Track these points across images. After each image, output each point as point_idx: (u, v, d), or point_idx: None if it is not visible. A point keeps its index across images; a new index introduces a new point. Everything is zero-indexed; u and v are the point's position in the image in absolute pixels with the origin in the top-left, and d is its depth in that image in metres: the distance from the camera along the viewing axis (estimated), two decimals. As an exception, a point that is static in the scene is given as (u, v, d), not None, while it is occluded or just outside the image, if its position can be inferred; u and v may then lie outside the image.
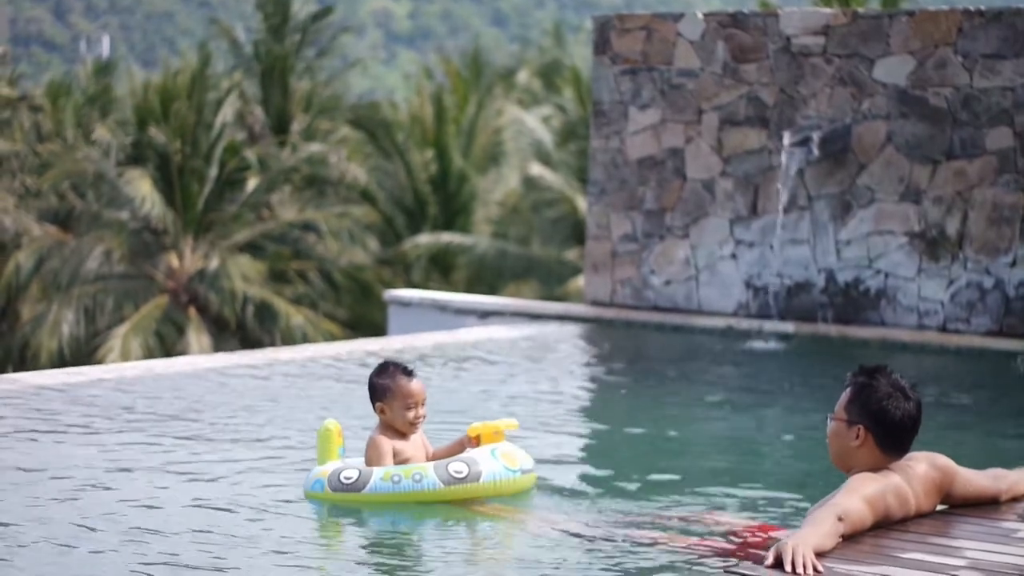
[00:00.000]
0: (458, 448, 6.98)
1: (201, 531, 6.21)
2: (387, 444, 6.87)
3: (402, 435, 6.93)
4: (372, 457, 6.87)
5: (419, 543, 6.49)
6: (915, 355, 13.19)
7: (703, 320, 14.54)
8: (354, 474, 6.72)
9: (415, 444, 6.98)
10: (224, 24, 38.35)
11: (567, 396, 10.86)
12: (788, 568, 5.25)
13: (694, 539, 6.17)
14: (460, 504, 6.72)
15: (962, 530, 5.87)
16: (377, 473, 6.71)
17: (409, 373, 6.95)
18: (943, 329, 13.83)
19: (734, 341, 13.89)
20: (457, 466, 6.72)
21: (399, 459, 6.88)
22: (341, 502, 6.70)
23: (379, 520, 6.65)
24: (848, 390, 5.97)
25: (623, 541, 6.17)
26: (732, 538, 6.19)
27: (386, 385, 6.91)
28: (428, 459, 6.98)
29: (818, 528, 5.48)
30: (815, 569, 5.25)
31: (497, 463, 6.81)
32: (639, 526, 6.43)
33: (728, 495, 7.23)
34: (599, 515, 6.71)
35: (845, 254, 14.26)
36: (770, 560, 5.33)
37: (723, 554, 5.93)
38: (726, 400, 11.02)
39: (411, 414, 6.88)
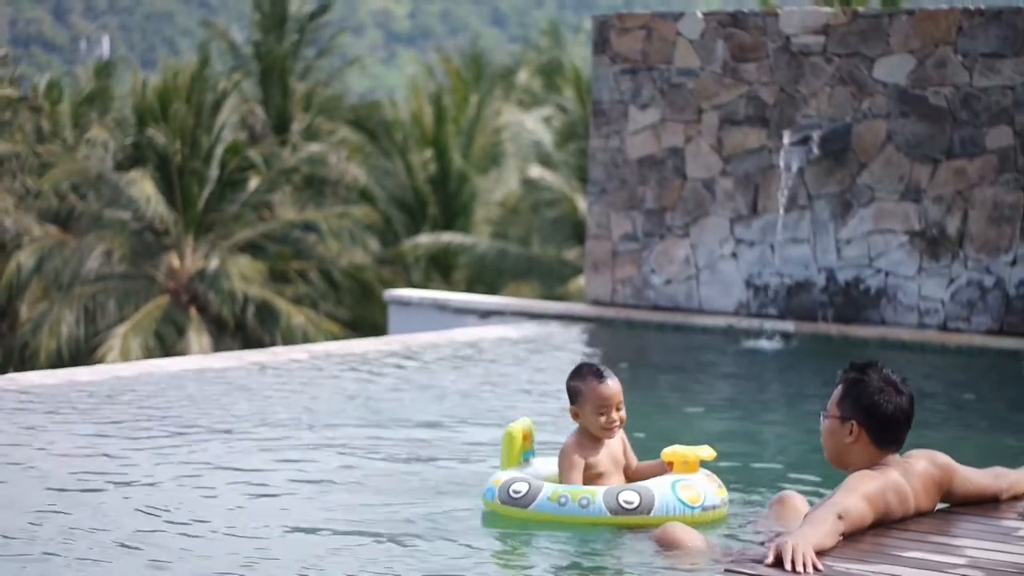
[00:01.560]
0: (658, 469, 6.66)
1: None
2: (578, 458, 6.56)
3: (597, 441, 6.63)
4: (563, 469, 6.58)
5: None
6: (915, 354, 13.19)
7: (703, 319, 14.54)
8: (524, 488, 6.46)
9: (613, 455, 6.67)
10: (220, 26, 38.35)
11: (566, 396, 10.83)
12: (788, 567, 5.25)
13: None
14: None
15: (962, 528, 5.88)
16: (546, 491, 6.42)
17: (601, 376, 6.62)
18: (943, 328, 13.84)
19: (734, 340, 13.90)
20: (628, 496, 6.38)
21: (592, 472, 6.57)
22: (507, 515, 6.48)
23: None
24: (839, 387, 5.98)
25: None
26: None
27: (579, 388, 6.63)
28: (627, 474, 6.69)
29: (818, 527, 5.48)
30: (815, 567, 5.25)
31: (674, 497, 6.43)
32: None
33: (729, 491, 7.22)
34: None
35: (845, 253, 14.27)
36: (770, 559, 5.33)
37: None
38: (726, 399, 11.02)
39: (603, 419, 6.55)
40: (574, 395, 6.63)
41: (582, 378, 6.63)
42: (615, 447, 6.69)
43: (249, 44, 35.19)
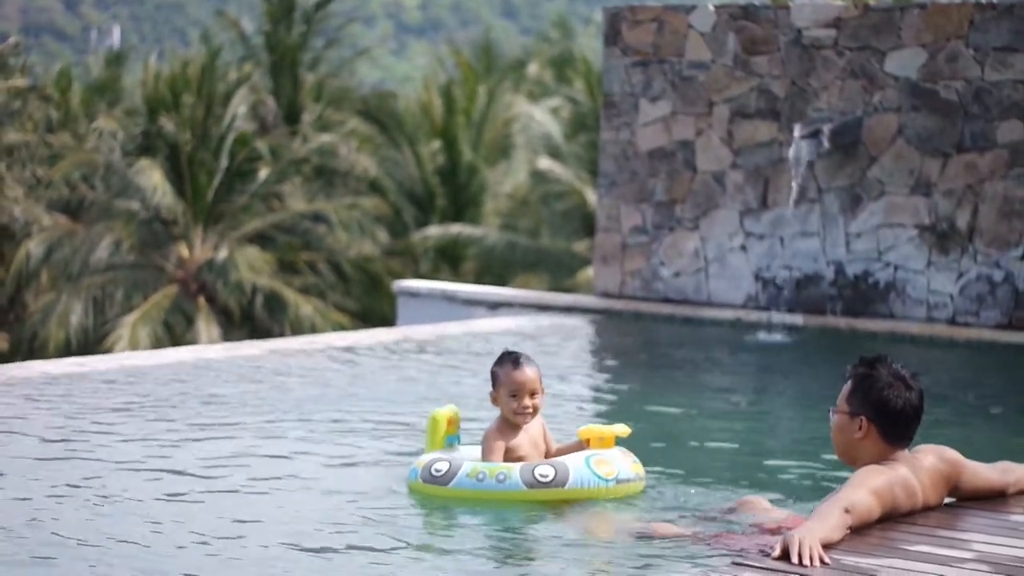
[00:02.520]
0: (576, 448, 6.82)
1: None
2: (499, 441, 6.73)
3: (517, 426, 6.78)
4: (484, 451, 6.75)
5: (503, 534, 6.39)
6: (924, 348, 13.18)
7: (712, 312, 14.53)
8: (444, 467, 6.64)
9: (533, 439, 6.82)
10: (230, 16, 38.35)
11: (575, 387, 10.85)
12: (795, 560, 5.24)
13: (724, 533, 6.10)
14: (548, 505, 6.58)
15: (970, 523, 5.87)
16: (465, 468, 6.60)
17: (518, 362, 6.79)
18: (952, 322, 13.82)
19: (743, 333, 13.89)
20: (544, 469, 6.58)
21: (512, 455, 6.72)
22: (430, 494, 6.65)
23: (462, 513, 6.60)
24: (849, 382, 5.97)
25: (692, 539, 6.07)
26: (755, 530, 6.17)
27: (496, 372, 6.82)
28: (548, 456, 6.83)
29: (825, 521, 5.47)
30: (822, 561, 5.24)
31: (588, 470, 6.62)
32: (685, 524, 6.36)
33: (737, 487, 7.22)
34: (631, 510, 6.66)
35: (855, 247, 14.25)
36: (777, 552, 5.33)
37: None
38: (735, 392, 11.01)
39: (516, 404, 6.72)
40: (493, 380, 6.83)
41: (501, 364, 6.83)
42: (535, 431, 6.85)
43: (259, 34, 35.18)
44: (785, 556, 5.28)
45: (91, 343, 27.07)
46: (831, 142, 14.11)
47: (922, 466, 5.95)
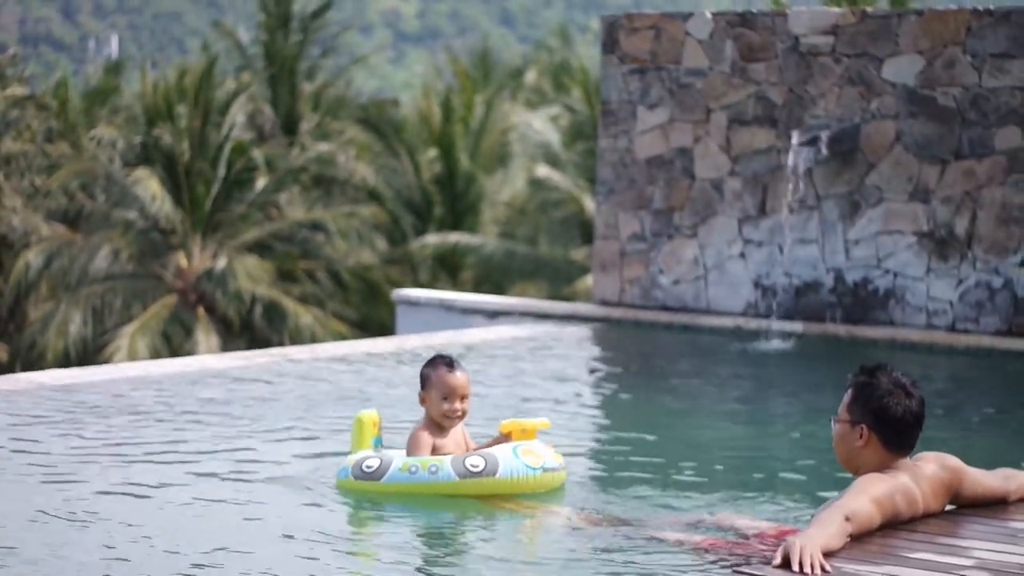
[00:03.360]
0: (494, 444, 6.95)
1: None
2: (427, 438, 6.85)
3: (442, 428, 6.91)
4: (410, 449, 6.85)
5: (436, 538, 6.48)
6: (924, 355, 13.17)
7: (712, 320, 14.52)
8: (375, 463, 6.74)
9: (456, 441, 6.95)
10: (227, 25, 38.37)
11: (574, 395, 10.85)
12: (796, 568, 5.24)
13: (710, 539, 6.14)
14: (481, 499, 6.71)
15: (970, 530, 5.86)
16: (396, 463, 6.71)
17: (452, 365, 6.92)
18: (952, 329, 13.81)
19: (743, 341, 13.88)
20: (474, 460, 6.70)
21: (438, 453, 6.84)
22: (362, 490, 6.73)
23: (399, 513, 6.67)
24: (849, 391, 5.97)
25: (647, 540, 6.15)
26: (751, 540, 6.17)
27: (427, 374, 6.93)
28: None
29: (825, 528, 5.47)
30: (823, 569, 5.24)
31: (517, 460, 6.77)
32: (658, 527, 6.39)
33: (736, 495, 7.22)
34: (621, 513, 6.68)
35: (854, 254, 14.25)
36: (778, 560, 5.32)
37: (739, 554, 5.90)
38: (734, 399, 11.00)
39: (446, 406, 6.85)
40: (424, 381, 6.93)
41: (433, 366, 6.95)
42: (457, 434, 6.97)
43: (256, 44, 35.19)
44: (786, 564, 5.28)
45: (90, 353, 27.05)
46: (829, 149, 14.11)
47: (923, 474, 5.94)
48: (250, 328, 28.33)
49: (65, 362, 26.18)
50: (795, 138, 14.18)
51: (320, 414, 9.19)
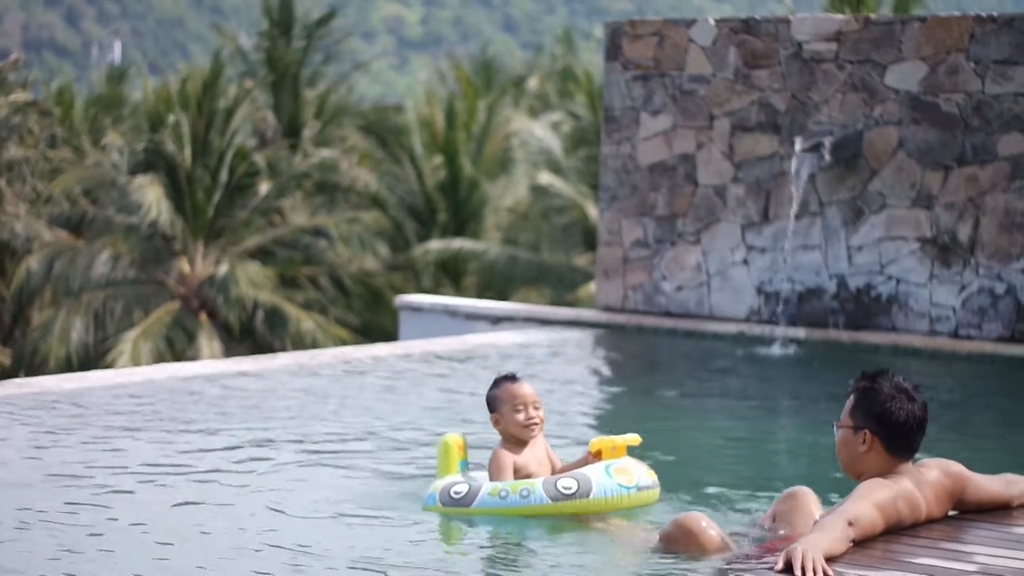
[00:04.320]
0: (583, 463, 6.79)
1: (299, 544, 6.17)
2: (508, 458, 6.72)
3: (522, 444, 6.78)
4: (493, 471, 6.73)
5: (526, 554, 6.32)
6: (926, 361, 13.17)
7: (714, 326, 14.52)
8: (464, 488, 6.62)
9: (539, 458, 6.82)
10: (228, 31, 38.40)
11: (578, 402, 10.85)
12: (798, 572, 5.24)
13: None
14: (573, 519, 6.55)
15: (973, 535, 5.86)
16: (485, 488, 6.59)
17: (514, 378, 6.87)
18: (955, 335, 13.81)
19: (745, 347, 13.88)
20: (566, 482, 6.55)
21: (521, 474, 6.71)
22: (452, 515, 6.60)
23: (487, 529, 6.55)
24: (851, 396, 5.97)
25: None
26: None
27: (494, 395, 6.83)
28: (554, 474, 6.80)
29: (828, 533, 5.47)
30: (825, 573, 5.24)
31: (610, 479, 6.60)
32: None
33: (741, 501, 7.22)
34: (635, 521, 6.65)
35: (856, 260, 14.25)
36: (780, 565, 5.32)
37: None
38: (737, 405, 11.00)
39: (521, 416, 6.73)
40: (492, 403, 6.84)
41: (496, 386, 6.86)
42: (539, 451, 6.84)
43: (259, 50, 35.22)
44: (788, 569, 5.28)
45: (92, 359, 27.06)
46: (832, 155, 14.11)
47: (926, 479, 5.95)
48: (252, 334, 28.34)
49: (67, 368, 26.19)
50: (798, 144, 14.19)
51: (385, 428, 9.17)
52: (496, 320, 15.37)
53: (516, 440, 6.78)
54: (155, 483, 7.24)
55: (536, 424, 6.78)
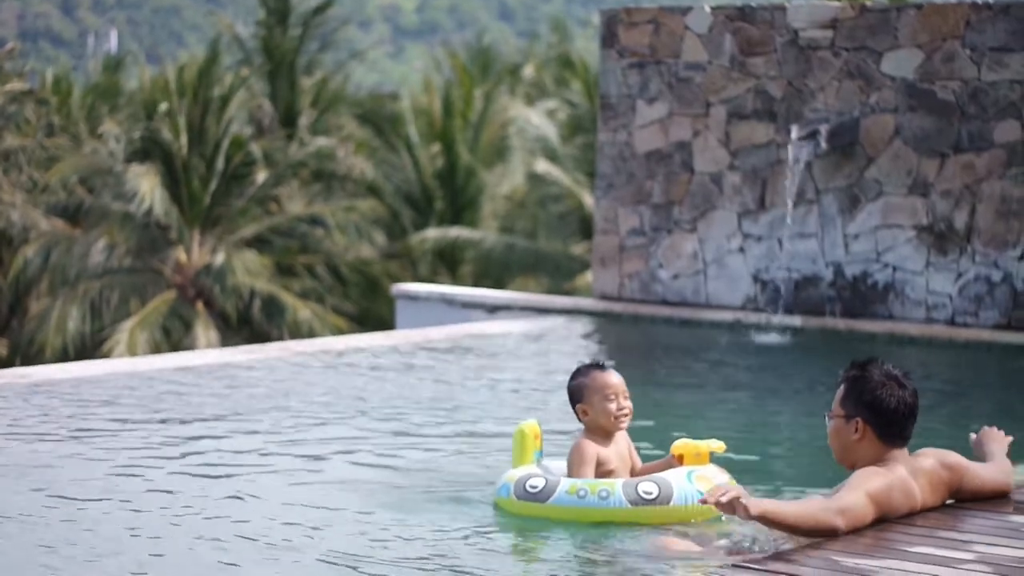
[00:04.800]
0: (665, 466, 6.59)
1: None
2: (592, 450, 6.48)
3: (608, 437, 6.54)
4: (574, 461, 6.49)
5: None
6: (923, 349, 13.17)
7: (711, 314, 14.52)
8: (540, 483, 6.36)
9: (621, 455, 6.60)
10: (225, 19, 38.35)
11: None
12: (710, 499, 5.56)
13: None
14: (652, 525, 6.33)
15: (971, 524, 5.86)
16: (563, 485, 6.33)
17: (603, 366, 6.62)
18: (951, 323, 13.81)
19: (742, 335, 13.88)
20: (647, 486, 6.30)
21: (603, 468, 6.49)
22: (525, 512, 6.38)
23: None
24: (842, 385, 5.97)
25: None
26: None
27: (582, 384, 6.58)
28: (633, 474, 6.60)
29: (796, 505, 5.56)
30: (745, 510, 5.47)
31: (691, 486, 6.36)
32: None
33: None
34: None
35: (853, 248, 14.24)
36: (711, 498, 5.58)
37: None
38: (734, 393, 11.00)
39: (613, 406, 6.49)
40: (578, 392, 6.58)
41: (583, 374, 6.60)
42: (622, 447, 6.62)
43: (255, 39, 35.17)
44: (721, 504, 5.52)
45: (89, 348, 27.04)
46: (828, 143, 14.10)
47: (921, 468, 5.95)
48: (249, 323, 28.33)
49: (64, 357, 26.17)
50: (794, 132, 14.17)
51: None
52: (493, 308, 15.36)
53: (603, 432, 6.55)
54: (140, 476, 7.23)
55: (627, 416, 6.57)
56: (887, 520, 5.76)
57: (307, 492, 6.93)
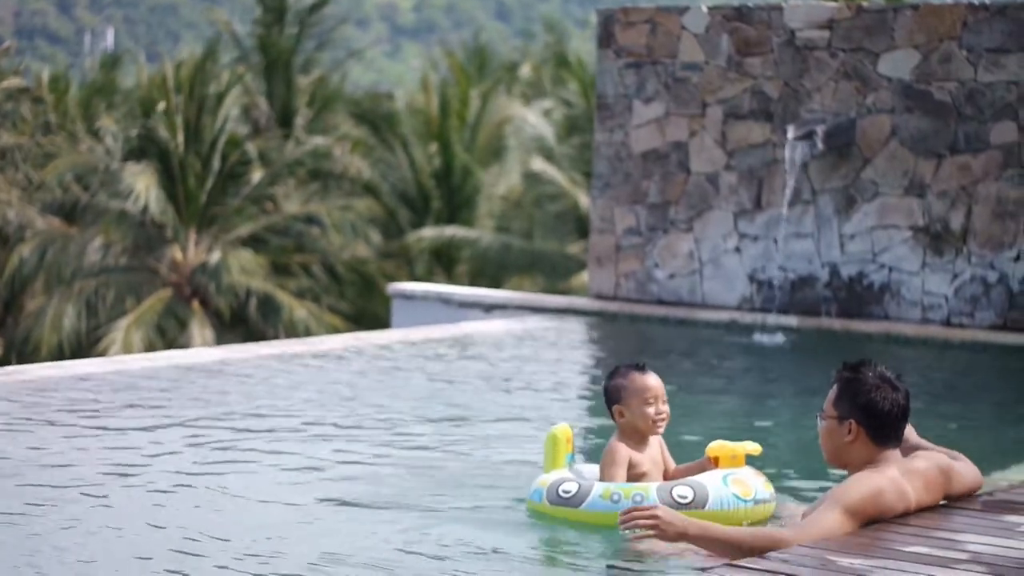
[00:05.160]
0: (699, 469, 6.51)
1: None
2: (624, 453, 6.38)
3: (643, 440, 6.45)
4: (606, 464, 6.41)
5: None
6: (919, 349, 13.18)
7: (707, 314, 14.52)
8: (573, 487, 6.26)
9: (654, 458, 6.50)
10: (223, 17, 38.33)
11: (571, 390, 10.85)
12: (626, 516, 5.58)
13: None
14: None
15: (964, 523, 5.86)
16: (597, 490, 6.23)
17: (643, 368, 6.50)
18: (947, 323, 13.82)
19: (738, 335, 13.89)
20: (682, 490, 6.22)
21: (635, 471, 6.40)
22: (556, 516, 6.29)
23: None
24: (834, 387, 5.96)
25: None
26: None
27: (620, 385, 6.46)
28: (667, 477, 6.52)
29: (738, 533, 5.56)
30: (652, 521, 5.50)
31: (727, 490, 6.29)
32: None
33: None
34: None
35: (849, 248, 14.25)
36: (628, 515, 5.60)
37: None
38: (730, 394, 11.00)
39: (651, 410, 6.39)
40: (616, 393, 6.47)
41: (622, 375, 6.49)
42: (654, 449, 6.53)
43: (252, 37, 35.15)
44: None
45: (84, 347, 27.02)
46: (825, 143, 14.10)
47: (915, 468, 5.95)
48: (244, 322, 28.31)
49: (59, 356, 26.16)
50: (791, 132, 14.18)
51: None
52: (489, 308, 15.36)
53: (638, 435, 6.47)
54: (137, 477, 7.23)
55: (664, 420, 6.47)
56: (881, 520, 5.76)
57: (310, 491, 6.93)
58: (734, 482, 6.32)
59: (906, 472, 5.90)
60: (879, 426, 5.87)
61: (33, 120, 29.77)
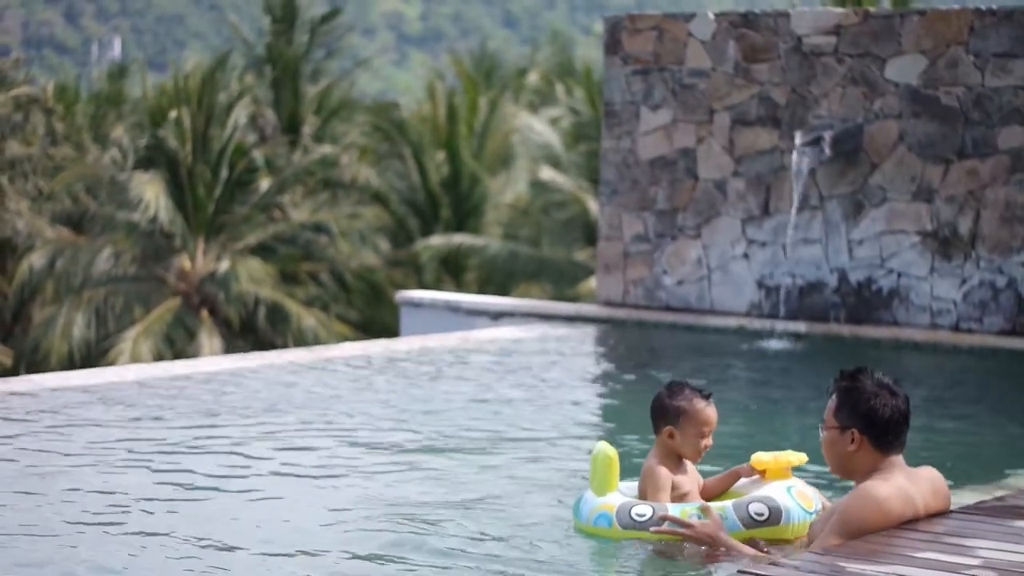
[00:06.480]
0: (731, 480, 6.43)
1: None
2: (667, 476, 6.26)
3: (680, 463, 6.35)
4: (648, 488, 6.27)
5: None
6: (928, 355, 13.16)
7: (715, 320, 14.52)
8: (647, 511, 6.10)
9: (691, 477, 6.39)
10: (236, 26, 38.39)
11: (580, 397, 10.84)
12: (665, 524, 5.94)
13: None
14: None
15: (976, 529, 5.85)
16: (673, 512, 6.07)
17: (708, 397, 6.36)
18: (956, 328, 13.80)
19: (746, 341, 13.87)
20: (758, 507, 6.11)
21: (677, 492, 6.28)
22: (629, 540, 6.13)
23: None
24: (834, 396, 5.94)
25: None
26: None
27: (682, 408, 6.30)
28: (701, 491, 6.41)
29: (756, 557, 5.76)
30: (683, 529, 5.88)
31: (795, 504, 6.17)
32: None
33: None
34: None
35: (857, 254, 14.24)
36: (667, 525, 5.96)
37: None
38: (739, 400, 10.99)
39: (703, 443, 6.30)
40: (674, 415, 6.32)
41: (685, 398, 6.35)
42: (691, 469, 6.46)
43: (260, 46, 35.20)
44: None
45: (94, 356, 27.05)
46: (832, 149, 14.10)
47: (921, 475, 5.94)
48: (253, 330, 28.33)
49: (69, 365, 26.19)
50: (798, 138, 14.17)
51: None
52: (497, 315, 15.37)
53: (677, 459, 6.36)
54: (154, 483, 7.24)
55: (704, 453, 6.39)
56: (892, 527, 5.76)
57: (327, 499, 6.93)
58: (798, 494, 6.23)
59: (911, 476, 5.89)
60: (881, 433, 5.86)
61: (42, 130, 29.82)
